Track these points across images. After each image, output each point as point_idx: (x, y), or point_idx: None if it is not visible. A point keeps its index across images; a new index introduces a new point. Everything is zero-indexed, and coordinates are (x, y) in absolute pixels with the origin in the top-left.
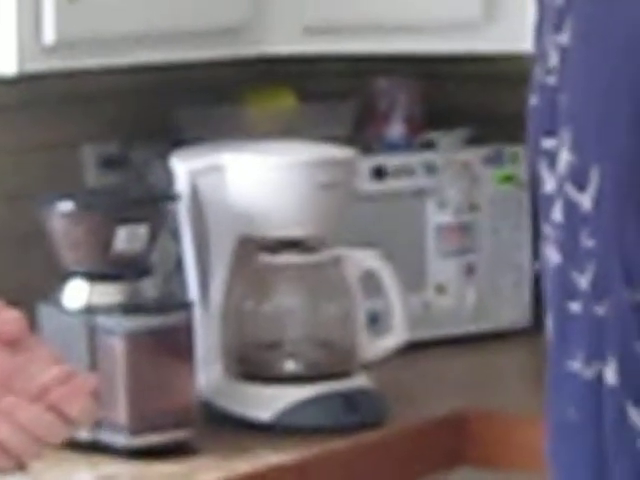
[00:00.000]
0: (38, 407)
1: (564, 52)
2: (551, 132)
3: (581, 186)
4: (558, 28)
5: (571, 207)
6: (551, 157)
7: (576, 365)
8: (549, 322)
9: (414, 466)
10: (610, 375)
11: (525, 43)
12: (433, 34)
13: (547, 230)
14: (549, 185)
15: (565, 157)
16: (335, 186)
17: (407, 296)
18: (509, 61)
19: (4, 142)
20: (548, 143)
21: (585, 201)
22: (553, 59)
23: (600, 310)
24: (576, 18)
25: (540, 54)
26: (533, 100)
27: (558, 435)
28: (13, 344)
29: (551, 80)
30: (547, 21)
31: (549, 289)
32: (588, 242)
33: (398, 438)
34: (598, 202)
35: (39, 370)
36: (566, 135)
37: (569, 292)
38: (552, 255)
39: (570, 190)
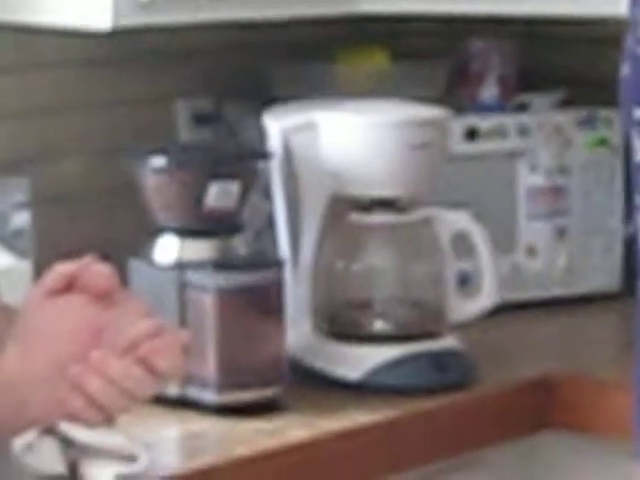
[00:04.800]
0: (128, 361)
1: None
2: None
3: None
4: None
5: None
6: None
7: None
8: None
9: (500, 428)
10: None
11: (621, 7)
12: None
13: (638, 200)
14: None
15: None
16: (427, 146)
17: (497, 258)
18: (605, 24)
19: (97, 97)
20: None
21: None
22: None
23: None
24: None
25: (633, 23)
26: (625, 70)
27: None
28: (104, 298)
29: None
30: None
31: (638, 257)
32: None
33: (485, 399)
34: None
35: (129, 324)
36: None
37: None
38: None
39: None
